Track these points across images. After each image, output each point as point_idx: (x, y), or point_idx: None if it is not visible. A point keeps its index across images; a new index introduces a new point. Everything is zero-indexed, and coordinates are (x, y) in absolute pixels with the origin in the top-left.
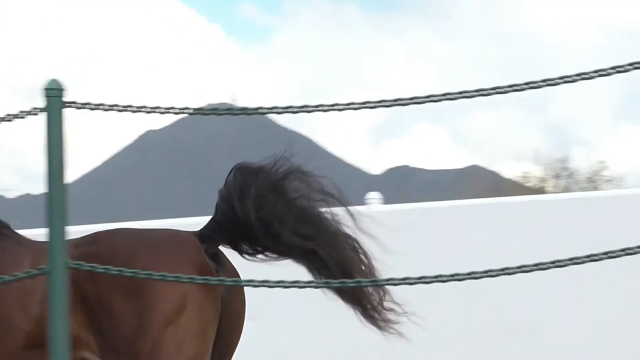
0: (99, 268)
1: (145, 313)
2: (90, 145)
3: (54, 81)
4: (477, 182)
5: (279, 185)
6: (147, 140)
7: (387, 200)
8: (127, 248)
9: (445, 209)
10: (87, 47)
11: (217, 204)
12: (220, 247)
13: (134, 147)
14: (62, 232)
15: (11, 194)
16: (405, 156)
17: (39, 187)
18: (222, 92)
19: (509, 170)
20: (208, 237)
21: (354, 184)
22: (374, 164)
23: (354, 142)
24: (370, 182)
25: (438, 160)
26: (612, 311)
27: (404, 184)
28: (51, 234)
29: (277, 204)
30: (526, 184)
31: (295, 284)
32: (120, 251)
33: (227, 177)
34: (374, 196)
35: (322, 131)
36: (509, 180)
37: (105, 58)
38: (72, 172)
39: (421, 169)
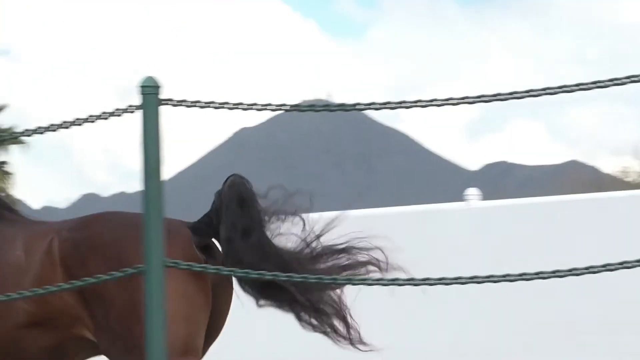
0: (196, 267)
1: (137, 297)
2: (185, 143)
3: (150, 78)
4: (575, 178)
5: (251, 231)
6: (241, 137)
7: (485, 197)
8: (119, 235)
9: (543, 205)
10: (181, 44)
11: (213, 203)
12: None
13: (228, 145)
14: (159, 231)
15: (106, 192)
16: (503, 152)
17: (135, 185)
18: (318, 88)
19: (608, 165)
20: (201, 230)
21: (451, 180)
22: (471, 160)
23: (450, 138)
24: (467, 178)
25: (536, 156)
26: None
27: (502, 180)
28: (148, 233)
29: (240, 246)
30: (625, 179)
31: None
32: (113, 238)
33: (224, 185)
34: (472, 192)
35: (419, 127)
36: (608, 176)
37: (199, 54)
38: (167, 170)
39: (519, 164)
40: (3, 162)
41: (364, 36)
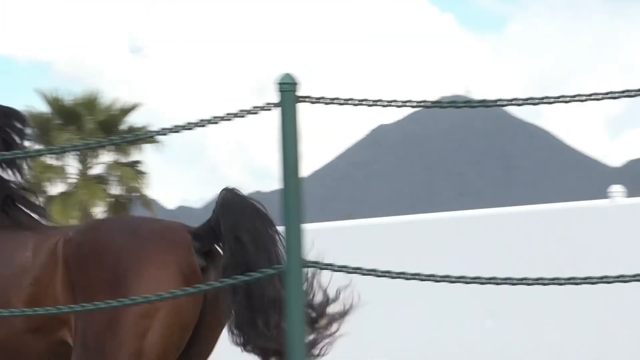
0: (334, 267)
1: (118, 314)
2: (322, 140)
3: (287, 75)
4: None
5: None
6: (379, 134)
7: (629, 194)
8: (117, 241)
9: None
10: (317, 39)
11: (213, 211)
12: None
13: (366, 142)
14: (299, 230)
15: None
16: None
17: (269, 184)
18: (455, 83)
19: None
20: (202, 236)
21: (593, 177)
22: (614, 156)
23: (592, 133)
24: (610, 174)
25: None
26: None
27: None
28: (287, 232)
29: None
30: None
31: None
32: (111, 244)
33: (218, 198)
34: (617, 189)
35: (559, 122)
36: None
37: (335, 50)
38: (305, 168)
39: None
40: (137, 162)
41: (502, 30)
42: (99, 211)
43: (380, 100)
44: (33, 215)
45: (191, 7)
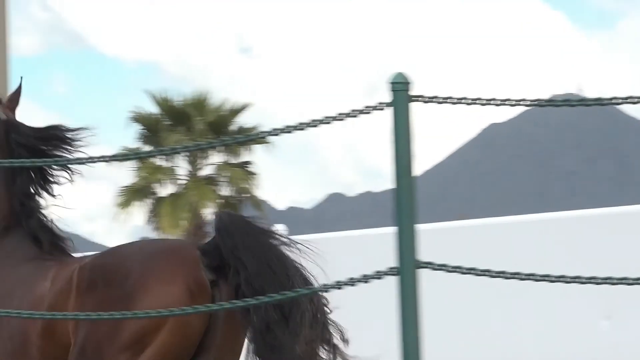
0: (448, 268)
1: (121, 323)
2: (432, 140)
3: (400, 75)
4: None
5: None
6: (491, 133)
7: None
8: (127, 262)
9: None
10: (428, 38)
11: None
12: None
13: (477, 141)
14: (412, 231)
15: (352, 192)
16: None
17: (380, 184)
18: (567, 82)
19: None
20: (210, 252)
21: None
22: None
23: None
24: None
25: None
26: None
27: None
28: (400, 233)
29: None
30: None
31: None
32: (121, 265)
33: (215, 221)
34: None
35: None
36: None
37: (445, 47)
38: (417, 168)
39: None
40: (247, 162)
41: (613, 28)
42: (208, 212)
43: (493, 99)
44: (60, 244)
45: (301, 6)
